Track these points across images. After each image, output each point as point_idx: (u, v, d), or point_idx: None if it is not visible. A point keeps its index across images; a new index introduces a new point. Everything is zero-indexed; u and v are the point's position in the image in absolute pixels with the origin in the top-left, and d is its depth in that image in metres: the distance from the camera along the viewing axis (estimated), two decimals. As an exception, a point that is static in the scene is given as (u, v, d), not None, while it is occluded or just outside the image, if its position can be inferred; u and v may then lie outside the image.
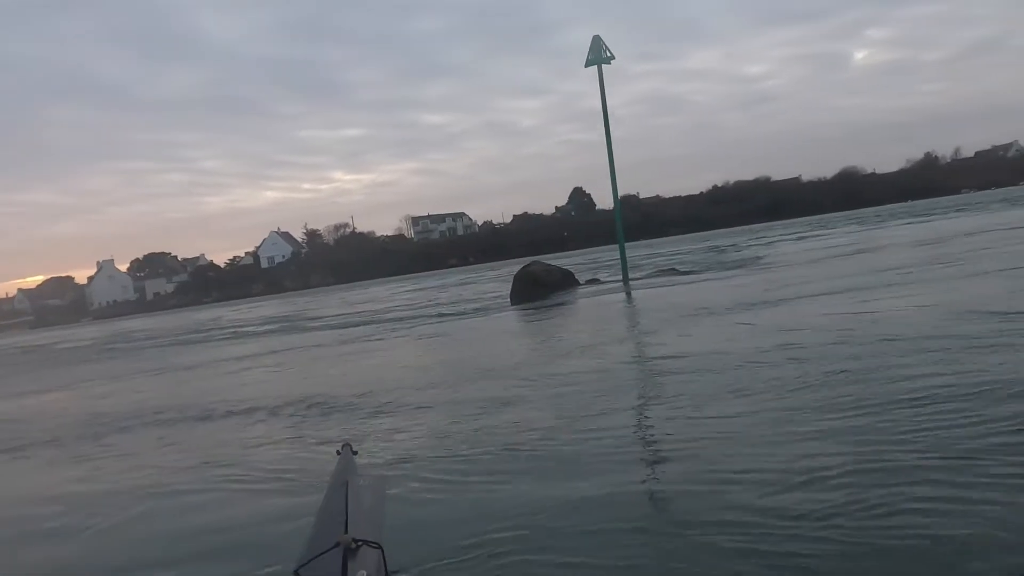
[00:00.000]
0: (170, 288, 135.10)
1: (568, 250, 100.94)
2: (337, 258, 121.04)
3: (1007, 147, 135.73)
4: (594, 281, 22.34)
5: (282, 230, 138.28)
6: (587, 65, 24.32)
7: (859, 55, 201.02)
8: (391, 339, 16.77)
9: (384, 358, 13.81)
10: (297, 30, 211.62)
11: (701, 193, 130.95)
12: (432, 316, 20.27)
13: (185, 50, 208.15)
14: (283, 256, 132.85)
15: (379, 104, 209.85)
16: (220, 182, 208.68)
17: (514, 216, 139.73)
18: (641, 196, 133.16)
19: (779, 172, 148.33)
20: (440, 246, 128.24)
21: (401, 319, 21.45)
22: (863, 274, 15.51)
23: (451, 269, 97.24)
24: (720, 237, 62.17)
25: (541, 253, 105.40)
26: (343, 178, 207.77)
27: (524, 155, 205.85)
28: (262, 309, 52.35)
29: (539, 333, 14.43)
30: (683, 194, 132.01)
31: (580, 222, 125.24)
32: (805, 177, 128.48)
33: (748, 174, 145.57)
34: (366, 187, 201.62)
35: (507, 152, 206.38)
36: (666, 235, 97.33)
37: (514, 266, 23.27)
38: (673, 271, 23.05)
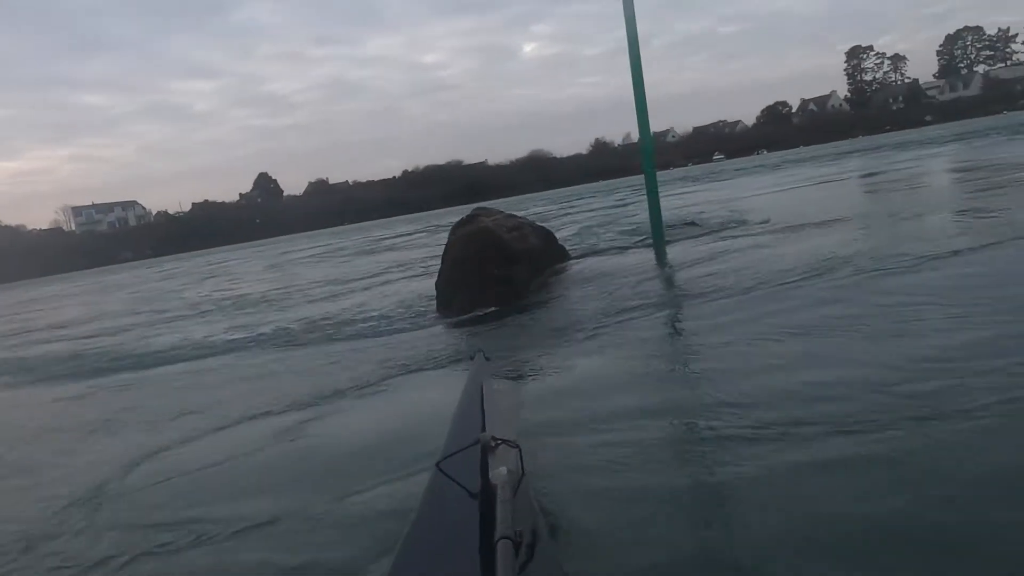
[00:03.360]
0: None
1: (263, 237, 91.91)
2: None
3: (665, 133, 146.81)
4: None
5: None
6: None
7: (527, 48, 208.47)
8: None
9: None
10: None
11: (395, 177, 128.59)
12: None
13: None
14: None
15: (23, 82, 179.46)
16: None
17: (194, 204, 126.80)
18: (331, 181, 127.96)
19: (468, 156, 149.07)
20: (110, 238, 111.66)
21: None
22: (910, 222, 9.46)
23: (126, 264, 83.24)
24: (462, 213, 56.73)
25: (232, 243, 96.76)
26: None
27: (199, 140, 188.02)
28: None
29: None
30: (375, 179, 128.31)
31: (271, 208, 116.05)
32: (492, 161, 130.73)
33: (438, 159, 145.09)
34: (11, 176, 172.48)
35: (180, 137, 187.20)
36: (369, 219, 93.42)
37: (204, 256, 14.76)
38: (693, 224, 12.32)
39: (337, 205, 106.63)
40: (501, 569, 1.34)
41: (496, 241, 7.23)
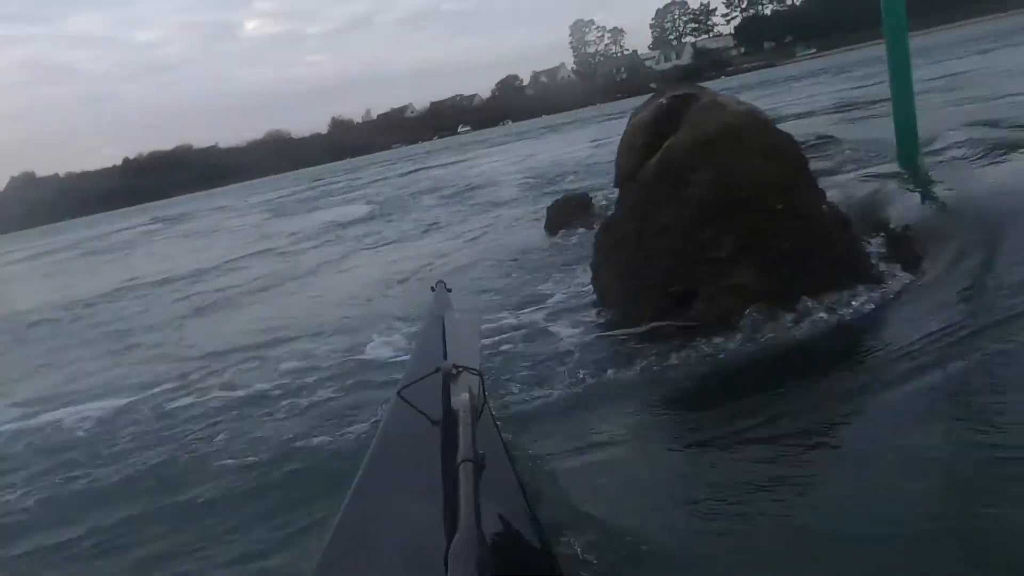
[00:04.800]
0: None
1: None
2: None
3: (404, 108, 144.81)
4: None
5: None
6: None
7: (250, 25, 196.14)
8: None
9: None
10: None
11: (115, 166, 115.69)
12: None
13: None
14: None
15: None
16: None
17: None
18: (39, 174, 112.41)
19: (198, 140, 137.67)
20: None
21: None
22: None
23: None
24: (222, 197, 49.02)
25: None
26: None
27: None
28: None
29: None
30: (91, 169, 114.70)
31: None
32: (224, 143, 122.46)
33: (164, 144, 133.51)
34: None
35: None
36: (87, 214, 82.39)
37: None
38: (833, 138, 8.84)
39: (48, 201, 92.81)
40: (464, 490, 1.31)
41: (794, 151, 3.45)
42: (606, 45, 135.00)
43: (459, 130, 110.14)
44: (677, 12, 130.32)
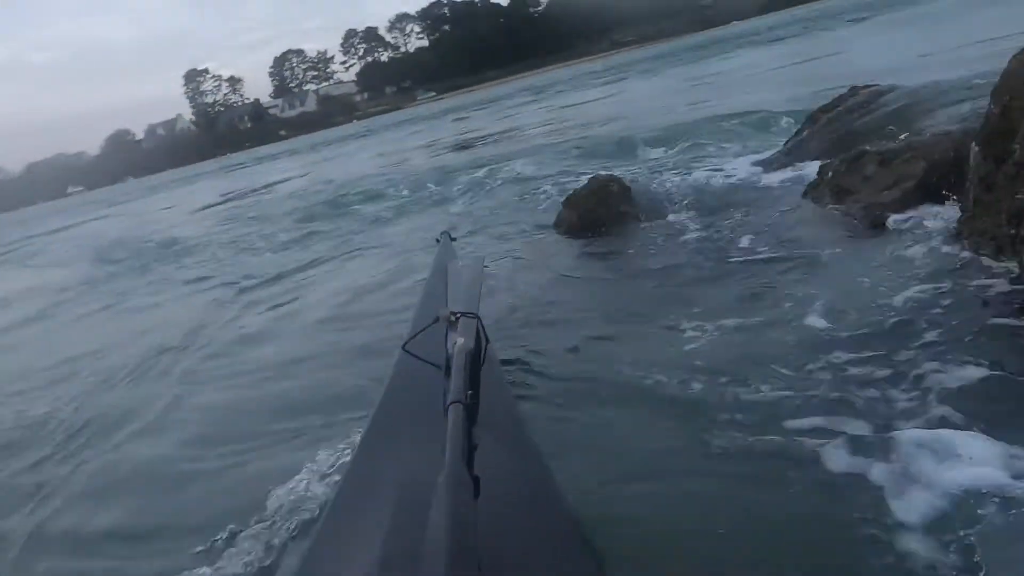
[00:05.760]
0: None
1: None
2: None
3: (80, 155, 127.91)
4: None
5: None
6: None
7: None
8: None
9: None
10: None
11: None
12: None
13: None
14: None
15: None
16: None
17: None
18: None
19: None
20: None
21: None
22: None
23: None
24: None
25: None
26: None
27: None
28: None
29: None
30: None
31: None
32: None
33: None
34: None
35: None
36: None
37: None
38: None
39: None
40: (451, 431, 1.37)
41: None
42: (224, 95, 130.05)
43: (68, 192, 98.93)
44: (295, 60, 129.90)
